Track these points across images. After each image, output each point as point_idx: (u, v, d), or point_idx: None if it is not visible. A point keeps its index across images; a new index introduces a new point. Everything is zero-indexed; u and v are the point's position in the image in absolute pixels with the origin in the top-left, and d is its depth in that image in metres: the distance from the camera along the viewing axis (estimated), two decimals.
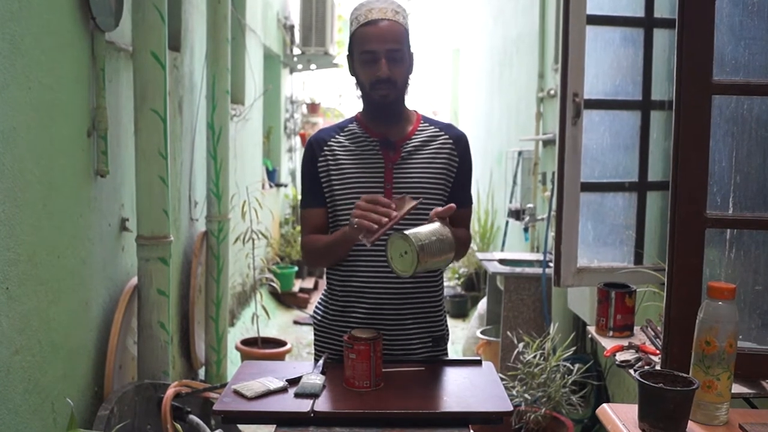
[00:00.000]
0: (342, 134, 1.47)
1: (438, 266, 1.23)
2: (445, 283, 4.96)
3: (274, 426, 1.19)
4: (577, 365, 2.32)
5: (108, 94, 1.88)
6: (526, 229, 3.66)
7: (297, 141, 6.54)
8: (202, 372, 3.08)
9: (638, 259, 1.93)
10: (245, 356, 3.29)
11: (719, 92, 1.20)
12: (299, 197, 1.62)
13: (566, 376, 2.29)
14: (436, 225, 1.24)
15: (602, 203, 1.96)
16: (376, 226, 1.23)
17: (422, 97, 8.27)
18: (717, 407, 1.10)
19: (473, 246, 4.88)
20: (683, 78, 1.17)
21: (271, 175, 5.30)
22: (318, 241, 1.43)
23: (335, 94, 7.25)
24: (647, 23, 1.85)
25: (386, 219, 1.23)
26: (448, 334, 1.51)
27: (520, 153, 3.95)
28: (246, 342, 3.41)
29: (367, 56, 1.34)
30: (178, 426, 1.86)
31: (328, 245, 1.40)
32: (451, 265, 5.13)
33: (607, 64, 1.88)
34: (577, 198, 1.86)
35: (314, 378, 1.30)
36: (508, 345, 2.91)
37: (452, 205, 1.28)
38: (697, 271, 1.20)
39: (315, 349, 1.51)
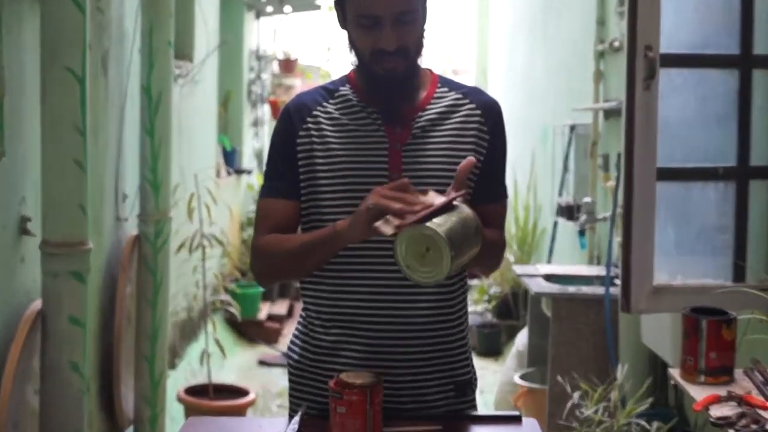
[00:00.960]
0: (332, 102, 1.49)
1: (462, 264, 1.25)
2: (471, 308, 4.88)
3: None
4: (655, 424, 2.31)
5: (6, 48, 1.86)
6: (582, 233, 3.61)
7: (266, 111, 6.52)
8: None
9: (739, 274, 1.93)
10: (191, 410, 3.26)
11: None
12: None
13: None
14: (462, 207, 1.26)
15: (687, 197, 1.95)
16: (404, 207, 1.24)
17: (439, 52, 8.16)
18: None
19: (509, 256, 4.84)
20: None
21: (230, 158, 5.28)
22: (285, 241, 1.44)
23: (320, 47, 7.06)
24: None
25: (419, 206, 1.25)
26: (475, 380, 1.53)
27: (572, 128, 3.93)
28: (192, 390, 3.40)
29: (367, 21, 1.35)
30: None
31: (306, 246, 1.41)
32: (477, 283, 5.18)
33: (691, 6, 1.89)
34: (653, 190, 1.84)
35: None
36: (558, 394, 2.86)
37: (471, 158, 1.31)
38: None
39: (290, 401, 1.52)
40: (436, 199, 1.27)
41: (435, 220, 1.22)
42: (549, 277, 3.30)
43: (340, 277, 1.43)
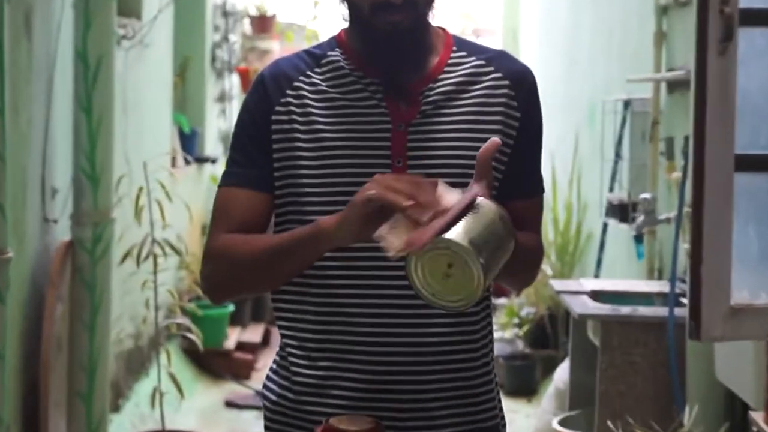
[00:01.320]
0: (318, 70, 1.51)
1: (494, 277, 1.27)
2: (497, 334, 4.97)
3: None
4: None
5: None
6: (639, 238, 3.63)
7: (234, 83, 6.60)
8: None
9: None
10: None
11: None
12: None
13: None
14: (488, 204, 1.27)
15: None
16: (415, 211, 1.23)
17: (456, 8, 8.18)
18: None
19: (545, 268, 4.86)
20: None
21: (189, 143, 5.34)
22: (249, 242, 1.45)
23: (304, 1, 7.12)
24: None
25: (438, 210, 1.24)
26: (503, 426, 1.54)
27: (627, 104, 4.00)
28: None
29: None
30: None
31: (277, 247, 1.42)
32: (505, 302, 5.23)
33: None
34: (730, 182, 1.85)
35: None
36: None
37: (495, 140, 1.33)
38: None
39: None
40: (449, 196, 1.27)
41: (462, 228, 1.22)
42: (597, 295, 3.32)
43: (330, 294, 1.44)
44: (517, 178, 1.48)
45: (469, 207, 1.29)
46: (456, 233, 1.21)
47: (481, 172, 1.32)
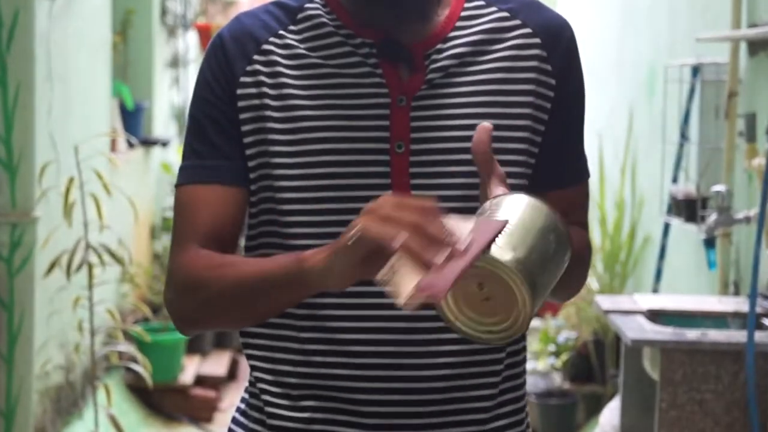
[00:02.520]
0: (293, 28, 1.53)
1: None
2: (530, 365, 5.10)
3: None
4: None
5: None
6: (710, 243, 3.70)
7: (191, 43, 6.76)
8: None
9: None
10: None
11: None
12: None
13: None
14: (519, 199, 1.29)
15: None
16: (425, 256, 1.22)
17: None
18: None
19: (590, 281, 4.89)
20: None
21: (133, 122, 5.44)
22: (223, 270, 1.47)
23: None
24: None
25: (449, 245, 1.23)
26: None
27: (696, 70, 4.07)
28: None
29: None
30: None
31: (249, 285, 1.43)
32: (538, 325, 5.27)
33: None
34: None
35: None
36: None
37: (486, 125, 1.34)
38: None
39: None
40: (461, 226, 1.28)
41: (512, 239, 1.24)
42: (656, 315, 3.36)
43: (316, 317, 1.47)
44: (555, 162, 1.52)
45: (500, 230, 1.29)
46: (507, 246, 1.22)
47: (487, 169, 1.34)
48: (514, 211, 1.28)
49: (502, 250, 1.22)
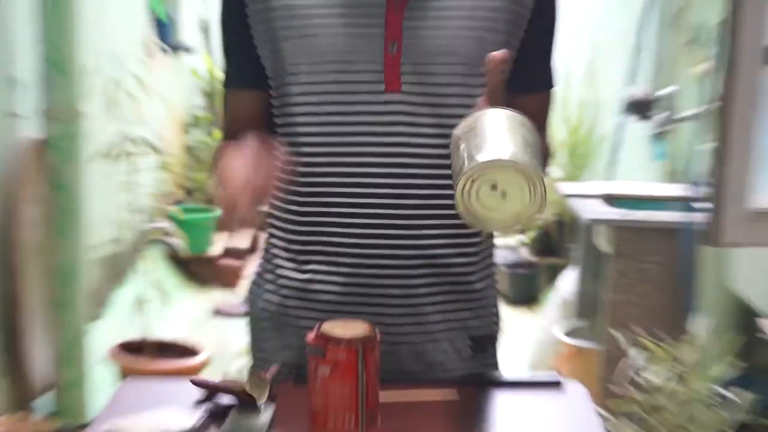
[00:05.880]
0: None
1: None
2: (500, 241, 5.42)
3: None
4: (746, 394, 2.42)
5: None
6: (658, 137, 3.80)
7: None
8: (42, 402, 3.22)
9: None
10: (126, 371, 3.47)
11: None
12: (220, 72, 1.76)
13: (725, 414, 2.41)
14: (501, 113, 1.31)
15: None
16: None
17: None
18: None
19: (553, 170, 5.13)
20: None
21: (165, 32, 5.56)
22: (227, 143, 1.55)
23: None
24: None
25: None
26: (499, 332, 1.65)
27: None
28: (127, 347, 3.62)
29: None
30: None
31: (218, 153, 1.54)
32: None
33: None
34: (760, 76, 1.83)
35: (257, 407, 1.43)
36: (615, 355, 2.98)
37: (500, 53, 1.34)
38: None
39: (252, 357, 1.65)
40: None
41: (512, 138, 1.27)
42: (610, 199, 3.43)
43: (317, 194, 1.50)
44: (527, 69, 1.52)
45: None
46: (514, 149, 1.25)
47: (492, 79, 1.33)
48: (507, 120, 1.29)
49: (515, 153, 1.23)
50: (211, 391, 1.56)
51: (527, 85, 1.53)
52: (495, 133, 1.29)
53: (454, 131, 1.33)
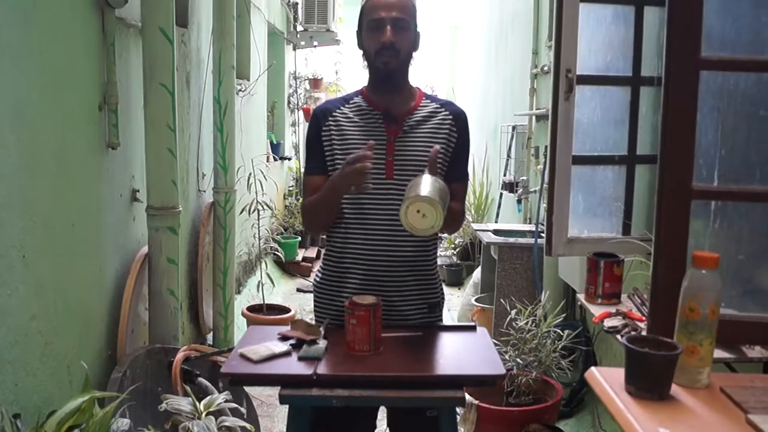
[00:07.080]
0: (347, 106, 1.90)
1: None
2: (442, 253, 6.26)
3: (279, 387, 1.58)
4: (566, 331, 2.93)
5: (118, 68, 2.40)
6: (519, 201, 4.61)
7: (300, 115, 7.71)
8: (210, 337, 3.84)
9: (626, 229, 2.34)
10: (251, 322, 4.22)
11: (707, 68, 1.57)
12: (302, 170, 2.07)
13: (556, 341, 2.88)
14: (428, 176, 1.61)
15: (593, 176, 2.34)
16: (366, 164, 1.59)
17: (421, 73, 10.25)
18: (699, 371, 1.46)
19: (468, 217, 5.89)
20: (672, 53, 1.55)
21: (275, 149, 6.73)
22: (312, 201, 1.83)
23: (334, 69, 8.59)
24: (638, 0, 2.26)
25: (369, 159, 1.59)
26: (443, 301, 1.96)
27: (514, 127, 5.09)
28: (252, 309, 4.50)
29: (374, 24, 1.79)
30: (188, 388, 2.39)
31: (320, 196, 1.78)
32: (447, 236, 6.06)
33: (599, 41, 2.27)
34: (569, 171, 2.15)
35: (317, 342, 1.71)
36: (501, 312, 3.53)
37: (436, 147, 1.68)
38: (682, 241, 1.61)
39: (315, 315, 1.97)
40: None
41: (428, 189, 1.55)
42: (496, 232, 4.17)
43: (350, 228, 1.84)
44: (454, 170, 1.88)
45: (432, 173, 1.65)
46: (427, 192, 1.56)
47: (431, 165, 1.71)
48: (430, 180, 1.63)
49: (428, 193, 1.56)
50: (292, 337, 1.76)
51: (455, 177, 1.85)
52: (423, 184, 1.57)
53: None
